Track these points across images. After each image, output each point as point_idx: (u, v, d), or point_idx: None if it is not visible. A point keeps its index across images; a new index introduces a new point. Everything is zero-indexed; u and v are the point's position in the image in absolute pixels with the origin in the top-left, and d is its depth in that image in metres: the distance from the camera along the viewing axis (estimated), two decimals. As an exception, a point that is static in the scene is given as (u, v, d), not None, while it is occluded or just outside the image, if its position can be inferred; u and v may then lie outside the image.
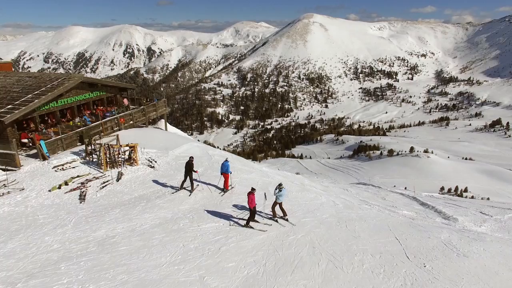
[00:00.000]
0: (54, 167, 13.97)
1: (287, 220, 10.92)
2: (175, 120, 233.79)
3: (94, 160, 14.98)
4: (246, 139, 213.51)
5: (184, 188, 12.67)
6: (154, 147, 17.89)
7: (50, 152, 15.44)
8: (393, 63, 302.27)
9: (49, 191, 12.02)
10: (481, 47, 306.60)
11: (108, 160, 14.32)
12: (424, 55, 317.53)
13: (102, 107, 22.33)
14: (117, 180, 13.24)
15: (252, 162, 25.93)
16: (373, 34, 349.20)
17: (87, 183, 12.70)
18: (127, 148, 15.12)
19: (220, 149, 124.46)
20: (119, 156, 14.75)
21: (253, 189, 10.34)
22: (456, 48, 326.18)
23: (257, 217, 10.79)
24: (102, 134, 18.95)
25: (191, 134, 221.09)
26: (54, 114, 18.87)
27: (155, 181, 13.54)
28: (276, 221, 10.83)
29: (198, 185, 13.26)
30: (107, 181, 13.00)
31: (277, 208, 10.87)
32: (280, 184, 10.81)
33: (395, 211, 16.57)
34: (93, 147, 15.26)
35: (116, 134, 16.30)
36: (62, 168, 13.88)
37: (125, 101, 24.50)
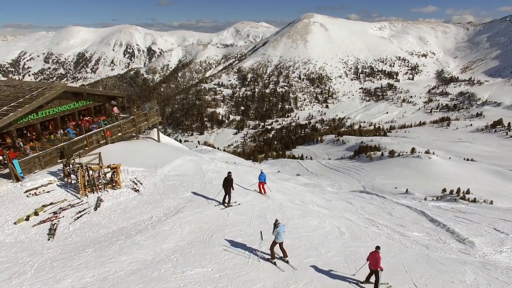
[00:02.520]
0: (27, 191, 12.46)
1: (287, 262, 9.39)
2: (175, 120, 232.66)
3: (73, 181, 13.46)
4: (247, 139, 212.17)
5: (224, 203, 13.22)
6: (142, 164, 16.38)
7: (26, 171, 13.96)
8: (394, 63, 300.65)
9: (15, 223, 10.49)
10: (482, 47, 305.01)
11: (86, 183, 12.79)
12: (424, 55, 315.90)
13: (89, 118, 20.73)
14: (95, 208, 11.71)
15: (251, 173, 24.41)
16: (374, 34, 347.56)
17: (60, 212, 11.17)
18: (109, 169, 13.54)
19: (220, 150, 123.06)
20: (100, 178, 13.17)
21: (378, 248, 8.95)
22: (457, 48, 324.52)
23: (251, 258, 9.30)
24: (87, 148, 17.43)
25: (191, 135, 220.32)
26: (34, 127, 17.32)
27: (138, 209, 12.02)
28: (275, 263, 9.30)
29: (235, 201, 13.73)
30: (83, 210, 11.48)
31: (276, 247, 9.36)
32: (276, 221, 9.33)
33: (405, 234, 15.10)
34: (71, 168, 13.67)
35: (98, 152, 14.69)
36: (35, 192, 12.37)
37: (115, 109, 22.90)
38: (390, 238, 13.72)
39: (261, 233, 9.75)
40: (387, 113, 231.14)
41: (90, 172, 12.88)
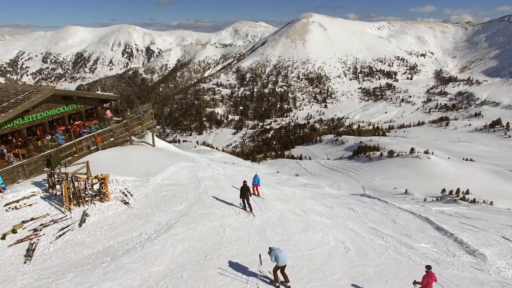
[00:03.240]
0: (7, 204, 11.51)
1: (289, 288, 8.53)
2: (174, 120, 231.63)
3: (58, 193, 12.51)
4: (245, 139, 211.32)
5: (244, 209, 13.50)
6: (133, 172, 15.41)
7: (8, 182, 13.04)
8: (393, 63, 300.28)
9: (-10, 243, 9.54)
10: (481, 47, 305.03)
11: (72, 196, 11.83)
12: (423, 55, 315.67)
13: (79, 122, 19.63)
14: (80, 224, 10.75)
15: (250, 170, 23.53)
16: (373, 34, 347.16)
17: (41, 229, 10.23)
18: (96, 180, 12.57)
19: (219, 150, 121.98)
20: (86, 190, 12.20)
21: (429, 268, 8.34)
22: (455, 47, 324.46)
23: (249, 283, 8.41)
24: (76, 155, 16.44)
25: (190, 135, 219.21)
26: (20, 132, 16.32)
27: (127, 225, 11.06)
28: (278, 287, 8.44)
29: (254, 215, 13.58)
30: (66, 226, 10.53)
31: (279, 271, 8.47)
32: (269, 249, 8.49)
33: (412, 246, 14.25)
34: (56, 178, 12.70)
35: (85, 161, 13.77)
36: (16, 206, 11.43)
37: (108, 113, 21.85)
38: (398, 252, 12.86)
39: (260, 256, 8.86)
40: (386, 113, 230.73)
41: (76, 183, 11.86)
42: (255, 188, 17.24)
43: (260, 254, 8.94)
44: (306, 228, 13.49)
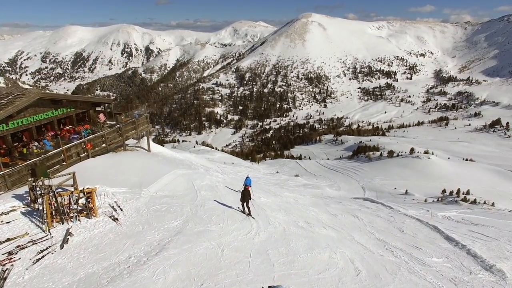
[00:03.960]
0: (-18, 222, 10.46)
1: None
2: (173, 120, 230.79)
3: (41, 207, 11.41)
4: (245, 139, 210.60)
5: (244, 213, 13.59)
6: (125, 183, 14.36)
7: (-13, 195, 11.96)
8: (392, 63, 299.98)
9: (-43, 270, 8.43)
10: (480, 47, 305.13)
11: (54, 212, 10.70)
12: (423, 55, 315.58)
13: (70, 127, 18.53)
14: (62, 245, 9.57)
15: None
16: (372, 34, 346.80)
17: (17, 252, 9.09)
18: (82, 194, 11.43)
19: (218, 150, 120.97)
20: (71, 205, 11.05)
21: None
22: (455, 47, 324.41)
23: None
24: (65, 163, 15.37)
25: (189, 135, 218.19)
26: (4, 139, 15.20)
27: (114, 246, 9.92)
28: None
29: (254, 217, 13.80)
30: (46, 248, 9.37)
31: None
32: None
33: (425, 262, 13.20)
34: (39, 191, 11.56)
35: (71, 172, 12.66)
36: (-8, 224, 10.36)
37: (101, 116, 20.92)
38: (411, 271, 11.83)
39: None
40: (385, 112, 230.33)
41: (59, 198, 10.71)
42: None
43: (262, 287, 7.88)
44: (312, 245, 12.42)
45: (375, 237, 15.89)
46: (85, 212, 11.44)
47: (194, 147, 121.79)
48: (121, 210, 12.15)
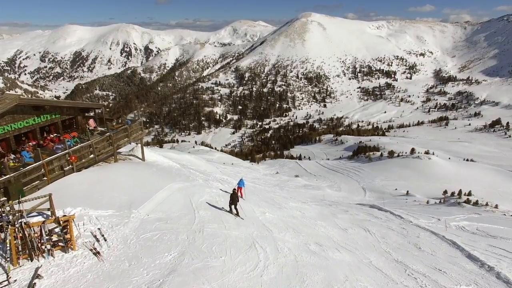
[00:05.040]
0: None
1: None
2: (173, 119, 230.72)
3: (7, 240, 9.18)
4: (244, 139, 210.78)
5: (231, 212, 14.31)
6: (112, 203, 12.62)
7: None
8: (392, 62, 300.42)
9: None
10: (480, 46, 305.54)
11: (21, 248, 8.78)
12: (422, 54, 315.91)
13: (55, 135, 16.44)
14: (26, 293, 7.62)
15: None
16: (372, 33, 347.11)
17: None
18: (57, 224, 9.55)
19: (218, 150, 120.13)
20: (42, 238, 9.07)
21: None
22: (454, 47, 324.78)
23: None
24: (45, 179, 13.58)
25: (189, 134, 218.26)
26: None
27: (95, 291, 8.11)
28: None
29: (242, 218, 14.70)
30: (5, 300, 7.46)
31: None
32: None
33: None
34: (6, 218, 9.52)
35: (47, 194, 10.81)
36: None
37: (91, 122, 18.93)
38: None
39: None
40: (385, 112, 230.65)
41: (28, 230, 8.75)
42: (239, 190, 19.04)
43: None
44: (329, 280, 11.08)
45: (393, 257, 14.77)
46: (60, 245, 9.39)
47: (194, 147, 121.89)
48: (105, 240, 10.32)
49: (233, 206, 15.39)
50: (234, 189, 15.45)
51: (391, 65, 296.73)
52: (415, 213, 26.64)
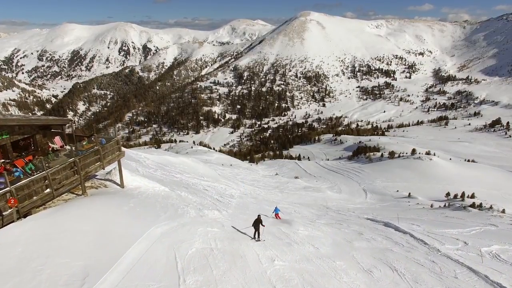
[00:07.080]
0: None
1: None
2: (171, 119, 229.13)
3: None
4: (243, 138, 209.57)
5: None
6: (56, 281, 8.12)
7: None
8: (391, 62, 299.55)
9: None
10: (479, 46, 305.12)
11: None
12: (421, 54, 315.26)
13: (2, 162, 12.30)
14: None
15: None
16: (371, 32, 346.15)
17: None
18: None
19: (216, 150, 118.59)
20: None
21: None
22: (453, 46, 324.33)
23: None
24: None
25: (187, 134, 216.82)
26: None
27: None
28: None
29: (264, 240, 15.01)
30: None
31: None
32: None
33: None
34: None
35: None
36: None
37: (57, 141, 14.98)
38: None
39: None
40: (384, 111, 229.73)
41: None
42: (277, 216, 22.92)
43: None
44: None
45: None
46: None
47: (192, 147, 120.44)
48: None
49: (256, 232, 16.04)
50: (259, 215, 16.54)
51: (390, 65, 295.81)
52: (431, 229, 23.52)
